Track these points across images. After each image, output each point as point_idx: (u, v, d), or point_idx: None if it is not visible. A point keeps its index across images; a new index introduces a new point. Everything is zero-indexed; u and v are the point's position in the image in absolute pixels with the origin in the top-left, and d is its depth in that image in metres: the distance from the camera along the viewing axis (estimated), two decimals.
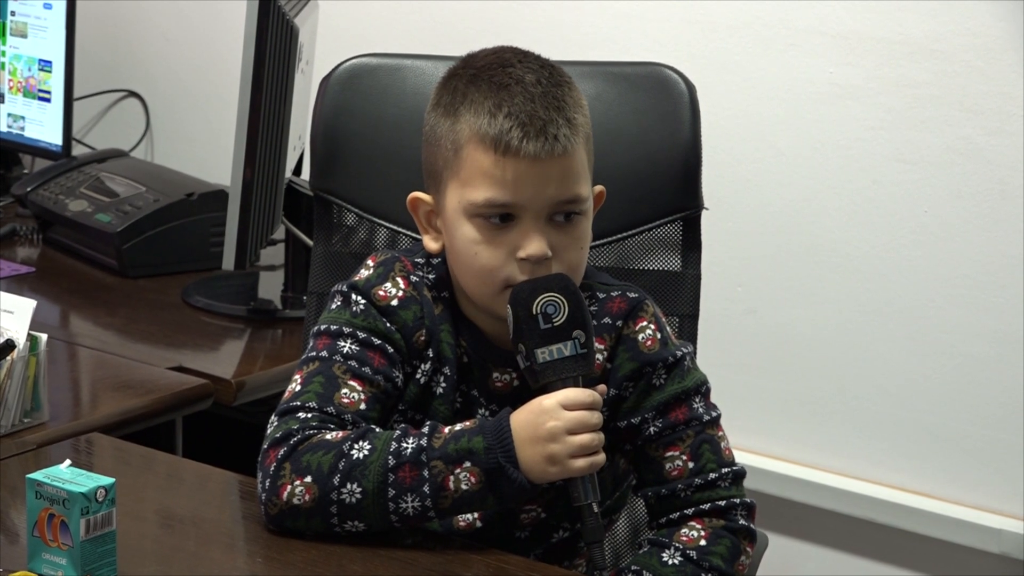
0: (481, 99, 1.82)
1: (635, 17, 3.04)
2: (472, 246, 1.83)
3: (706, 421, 1.89)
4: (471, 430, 1.78)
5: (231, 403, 2.53)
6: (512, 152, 1.79)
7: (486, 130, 1.80)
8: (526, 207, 1.81)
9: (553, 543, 1.94)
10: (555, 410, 1.76)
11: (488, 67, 1.85)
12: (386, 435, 1.79)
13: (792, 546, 3.04)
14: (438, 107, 1.87)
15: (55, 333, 2.45)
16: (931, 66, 2.77)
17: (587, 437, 1.76)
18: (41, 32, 3.31)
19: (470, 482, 1.77)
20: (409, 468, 1.77)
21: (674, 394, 1.88)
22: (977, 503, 2.86)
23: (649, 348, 1.89)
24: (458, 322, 1.91)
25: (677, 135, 2.13)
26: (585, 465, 1.76)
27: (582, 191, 1.84)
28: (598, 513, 1.77)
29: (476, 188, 1.82)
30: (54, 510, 1.66)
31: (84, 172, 3.18)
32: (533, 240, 1.81)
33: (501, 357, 1.89)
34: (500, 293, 1.83)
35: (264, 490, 1.79)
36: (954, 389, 2.84)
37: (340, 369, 1.85)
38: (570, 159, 1.82)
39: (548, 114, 1.80)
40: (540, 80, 1.83)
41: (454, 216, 1.85)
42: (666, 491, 1.88)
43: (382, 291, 1.90)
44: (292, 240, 2.86)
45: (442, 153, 1.85)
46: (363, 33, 3.34)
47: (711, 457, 1.88)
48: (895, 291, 2.87)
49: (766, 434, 3.02)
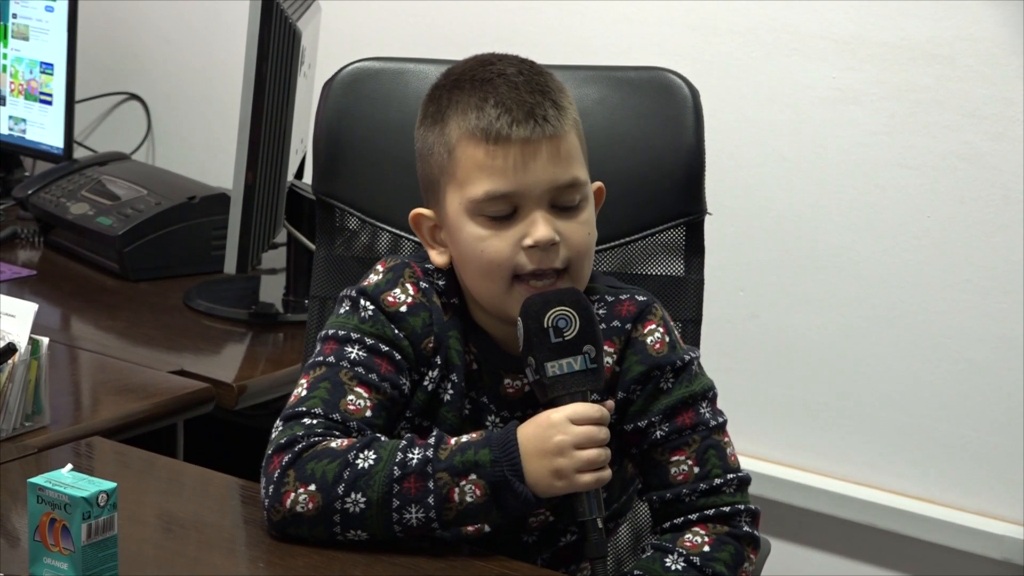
0: (466, 98, 1.83)
1: (637, 21, 3.04)
2: (478, 243, 1.83)
3: (712, 426, 1.88)
4: (477, 442, 1.78)
5: (232, 407, 2.52)
6: (503, 139, 1.80)
7: (475, 124, 1.81)
8: (526, 194, 1.81)
9: (561, 547, 1.94)
10: (563, 424, 1.76)
11: (468, 70, 1.87)
12: (392, 445, 1.79)
13: (793, 551, 3.04)
14: (426, 120, 1.89)
15: (56, 336, 2.45)
16: (934, 71, 2.77)
17: (594, 452, 1.76)
18: (43, 35, 3.31)
19: (475, 495, 1.76)
20: (414, 479, 1.76)
21: (681, 398, 1.88)
22: (978, 508, 2.86)
23: (658, 351, 1.88)
24: (468, 329, 1.91)
25: (681, 140, 2.12)
26: (591, 480, 1.76)
27: (579, 174, 1.84)
28: (602, 529, 1.77)
29: (474, 183, 1.82)
30: (56, 514, 1.66)
31: (85, 175, 3.18)
32: (539, 226, 1.81)
33: (512, 363, 1.89)
34: (509, 290, 1.83)
35: (268, 496, 1.79)
36: (956, 394, 2.84)
37: (347, 375, 1.84)
38: (561, 140, 1.82)
39: (533, 97, 1.82)
40: (521, 71, 1.85)
41: (457, 220, 1.84)
42: (671, 495, 1.87)
43: (391, 297, 1.89)
44: (294, 244, 2.86)
45: (436, 161, 1.86)
46: (365, 37, 3.34)
47: (716, 463, 1.87)
48: (897, 296, 2.87)
49: (768, 439, 3.01)
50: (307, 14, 2.77)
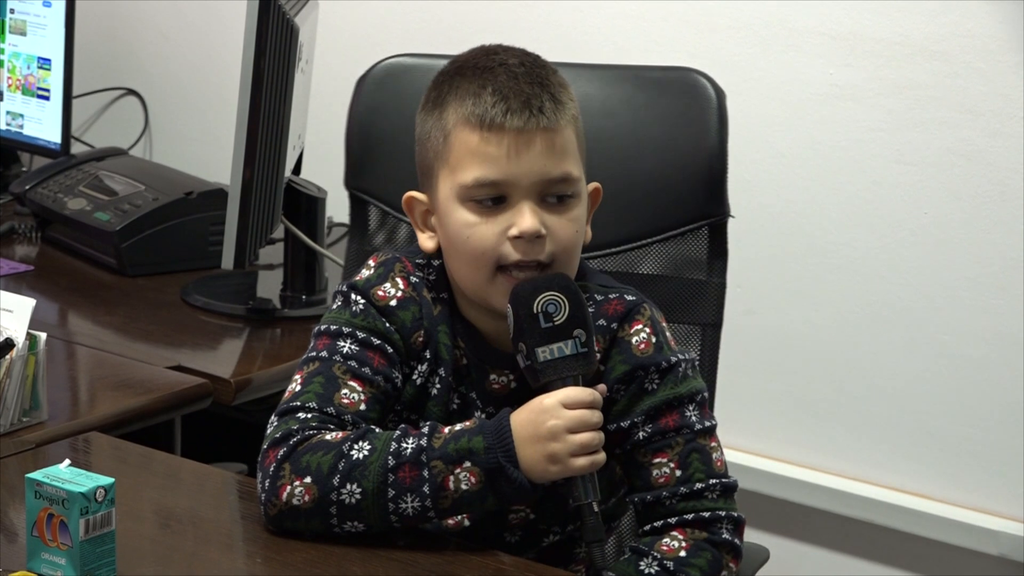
0: (466, 85, 1.84)
1: (634, 17, 3.04)
2: (465, 229, 1.83)
3: (698, 430, 1.86)
4: (471, 430, 1.78)
5: (230, 402, 2.52)
6: (497, 127, 1.80)
7: (472, 110, 1.82)
8: (516, 184, 1.81)
9: (544, 547, 1.93)
10: (556, 409, 1.76)
11: (472, 58, 1.88)
12: (386, 435, 1.79)
13: (790, 547, 3.04)
14: (426, 105, 1.89)
15: (54, 332, 2.45)
16: (931, 67, 2.77)
17: (588, 436, 1.76)
18: (40, 30, 3.31)
19: (470, 482, 1.76)
20: (409, 468, 1.76)
21: (666, 400, 1.86)
22: (976, 505, 2.86)
23: (642, 351, 1.87)
24: (456, 323, 1.91)
25: (704, 141, 2.11)
26: (586, 464, 1.76)
27: (572, 170, 1.84)
28: (598, 512, 1.76)
29: (465, 169, 1.82)
30: (53, 510, 1.66)
31: (83, 170, 3.18)
32: (525, 216, 1.81)
33: (499, 359, 1.89)
34: (493, 279, 1.83)
35: (264, 490, 1.79)
36: (953, 391, 2.84)
37: (340, 369, 1.85)
38: (556, 134, 1.82)
39: (532, 88, 1.82)
40: (523, 62, 1.85)
41: (447, 204, 1.85)
42: (651, 498, 1.85)
43: (381, 291, 1.89)
44: (291, 239, 2.86)
45: (432, 145, 1.86)
46: (364, 33, 3.34)
47: (700, 467, 1.85)
48: (894, 292, 2.87)
49: (764, 435, 3.02)
50: (305, 10, 2.77)
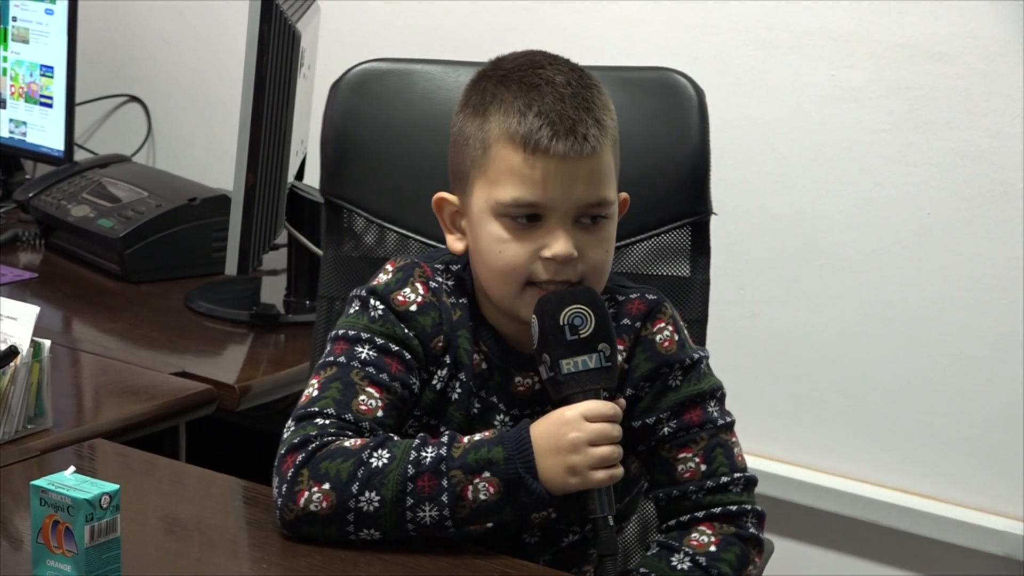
0: (511, 99, 1.83)
1: (636, 20, 3.04)
2: (497, 244, 1.83)
3: (720, 425, 1.89)
4: (491, 440, 1.78)
5: (234, 408, 2.52)
6: (541, 151, 1.80)
7: (516, 129, 1.81)
8: (553, 207, 1.81)
9: (563, 547, 1.94)
10: (577, 421, 1.76)
11: (518, 68, 1.86)
12: (405, 444, 1.79)
13: (794, 548, 3.04)
14: (467, 107, 1.88)
15: (58, 339, 2.45)
16: (933, 69, 2.78)
17: (608, 449, 1.76)
18: (43, 37, 3.31)
19: (488, 492, 1.77)
20: (428, 477, 1.76)
21: (689, 396, 1.88)
22: (980, 505, 2.86)
23: (667, 349, 1.89)
24: (478, 327, 1.91)
25: (686, 140, 2.13)
26: (605, 477, 1.76)
27: (609, 194, 1.84)
28: (613, 527, 1.77)
29: (504, 187, 1.82)
30: (58, 517, 1.66)
31: (86, 177, 3.18)
32: (559, 240, 1.81)
33: (523, 361, 1.89)
34: (521, 292, 1.83)
35: (280, 495, 1.79)
36: (956, 391, 2.85)
37: (358, 375, 1.85)
38: (598, 160, 1.82)
39: (578, 114, 1.81)
40: (570, 81, 1.84)
41: (480, 215, 1.85)
42: (677, 492, 1.87)
43: (401, 296, 1.90)
44: (295, 245, 2.86)
45: (470, 152, 1.85)
46: (364, 38, 3.34)
47: (724, 461, 1.88)
48: (897, 293, 2.87)
49: (768, 437, 3.02)
50: (306, 15, 2.77)
